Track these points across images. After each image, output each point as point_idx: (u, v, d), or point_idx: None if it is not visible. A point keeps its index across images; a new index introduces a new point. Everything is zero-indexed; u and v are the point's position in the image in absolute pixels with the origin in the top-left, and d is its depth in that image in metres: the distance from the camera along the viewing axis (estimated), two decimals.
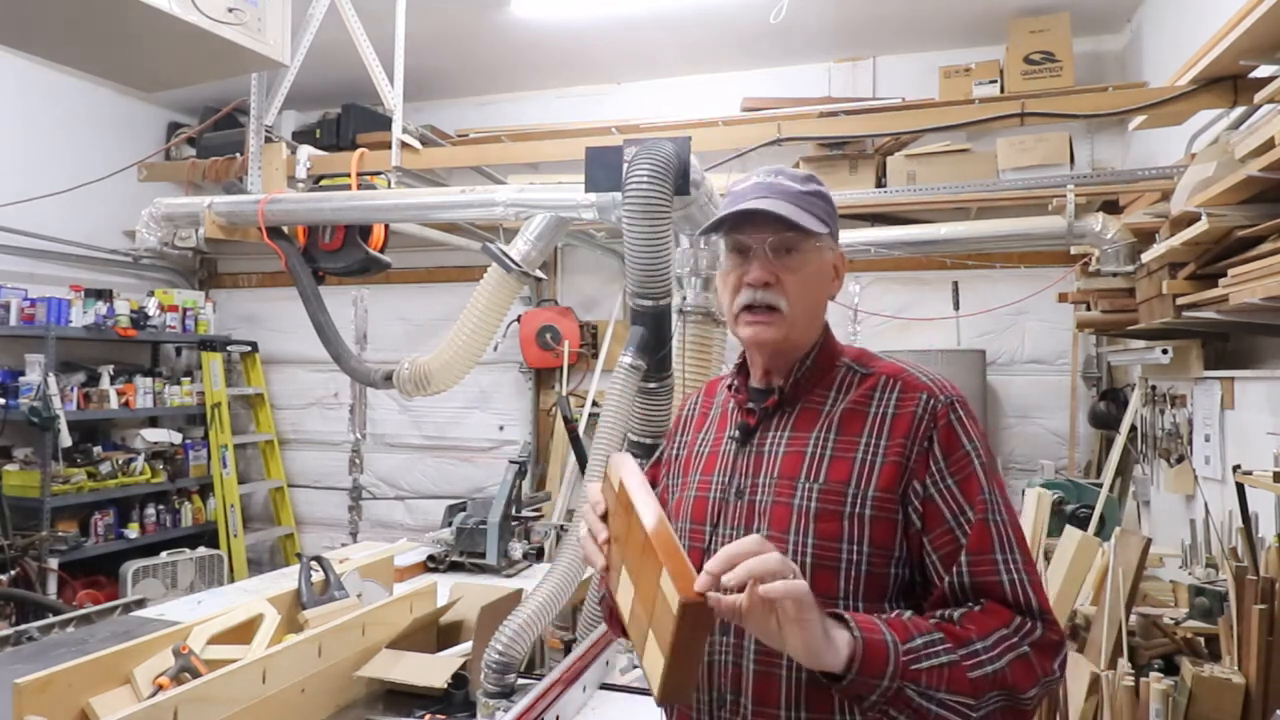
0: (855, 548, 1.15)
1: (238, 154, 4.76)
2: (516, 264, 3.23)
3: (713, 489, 1.28)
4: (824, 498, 1.17)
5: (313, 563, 2.47)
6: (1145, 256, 3.08)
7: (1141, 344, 3.82)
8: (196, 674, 1.87)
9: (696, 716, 1.22)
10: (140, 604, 2.83)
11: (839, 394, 1.24)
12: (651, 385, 2.72)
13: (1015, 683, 1.05)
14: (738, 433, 1.29)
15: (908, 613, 1.10)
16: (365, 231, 3.79)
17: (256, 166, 4.06)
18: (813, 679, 1.09)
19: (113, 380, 5.61)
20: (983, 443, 1.19)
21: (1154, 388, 3.90)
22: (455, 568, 3.35)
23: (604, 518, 1.16)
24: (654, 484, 1.46)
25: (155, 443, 5.84)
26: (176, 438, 6.01)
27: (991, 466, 1.18)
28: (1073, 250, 4.16)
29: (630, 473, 1.12)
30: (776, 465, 1.23)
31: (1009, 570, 1.12)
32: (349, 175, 4.02)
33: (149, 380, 5.81)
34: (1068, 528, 2.90)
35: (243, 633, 2.18)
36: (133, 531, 5.61)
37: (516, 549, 3.40)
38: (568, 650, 2.49)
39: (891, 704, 1.01)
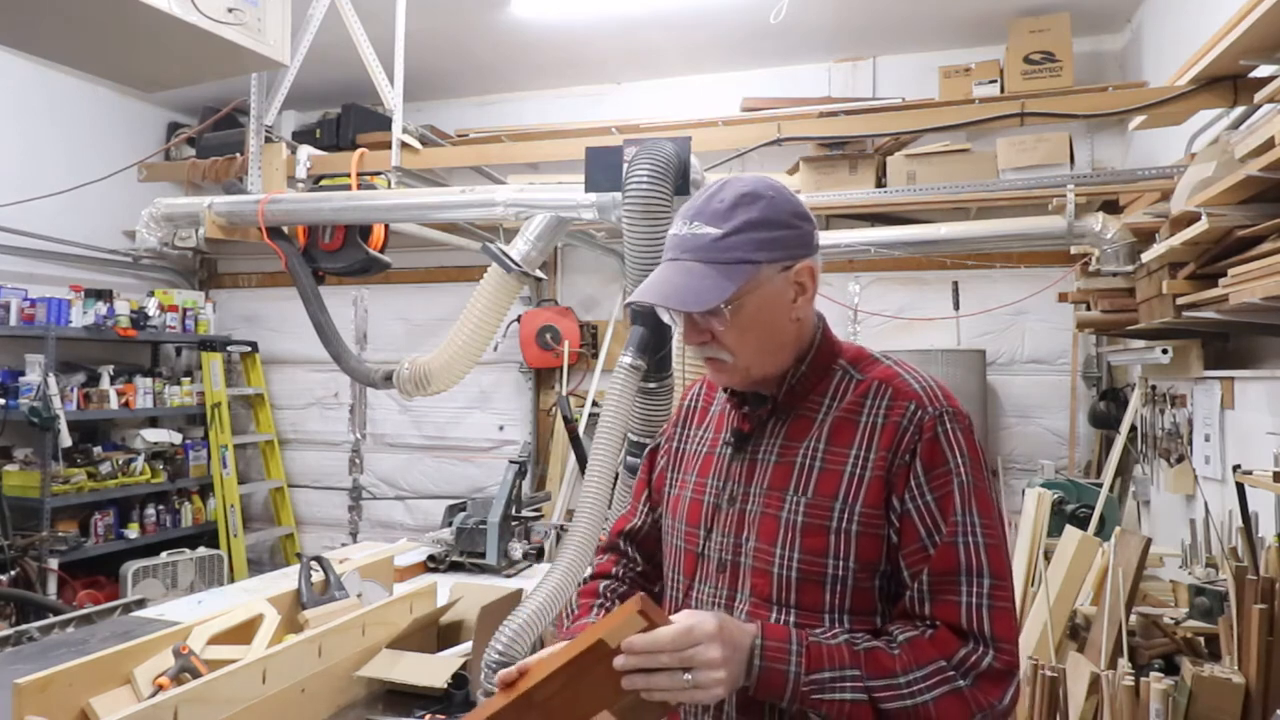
0: (841, 562, 1.15)
1: (238, 154, 4.75)
2: (516, 264, 3.22)
3: (707, 493, 1.28)
4: (811, 511, 1.17)
5: (313, 563, 2.47)
6: (1145, 256, 3.08)
7: (1141, 344, 3.82)
8: (196, 674, 1.87)
9: (686, 716, 1.27)
10: (140, 604, 2.82)
11: (833, 401, 1.22)
12: (651, 385, 2.71)
13: (939, 717, 1.06)
14: (733, 438, 1.28)
15: (841, 636, 1.11)
16: (365, 231, 3.79)
17: (256, 166, 4.05)
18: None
19: (113, 380, 5.61)
20: (971, 458, 1.15)
21: (1154, 388, 3.90)
22: (455, 568, 3.34)
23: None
24: (650, 471, 1.46)
25: (155, 443, 5.83)
26: (176, 438, 6.00)
27: (976, 484, 1.14)
28: (1073, 250, 4.16)
29: None
30: (767, 475, 1.22)
31: (970, 594, 1.10)
32: (349, 175, 4.02)
33: (149, 380, 5.81)
34: (1068, 528, 2.91)
35: (243, 633, 2.18)
36: (133, 531, 5.61)
37: (516, 549, 3.39)
38: None
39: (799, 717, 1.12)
